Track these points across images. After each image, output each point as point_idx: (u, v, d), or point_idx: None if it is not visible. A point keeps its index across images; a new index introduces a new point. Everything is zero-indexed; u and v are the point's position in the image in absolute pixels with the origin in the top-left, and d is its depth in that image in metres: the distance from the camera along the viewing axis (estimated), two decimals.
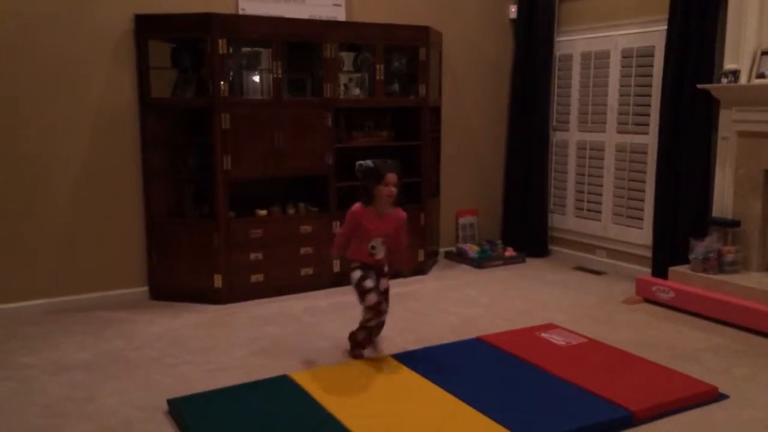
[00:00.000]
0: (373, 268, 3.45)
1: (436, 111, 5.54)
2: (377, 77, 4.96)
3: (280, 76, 4.60)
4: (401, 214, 3.48)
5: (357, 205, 3.41)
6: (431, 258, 5.56)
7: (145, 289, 4.70)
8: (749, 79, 4.23)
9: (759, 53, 4.22)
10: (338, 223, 4.91)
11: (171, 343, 3.84)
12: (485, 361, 3.46)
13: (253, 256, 4.64)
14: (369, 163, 3.45)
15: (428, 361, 3.41)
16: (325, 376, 3.26)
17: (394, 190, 3.33)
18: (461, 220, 5.99)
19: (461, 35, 5.75)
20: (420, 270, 5.28)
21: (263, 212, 4.72)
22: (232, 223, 4.57)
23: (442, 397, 3.01)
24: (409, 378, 3.23)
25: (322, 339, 3.91)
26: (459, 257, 5.77)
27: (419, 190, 5.24)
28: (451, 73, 5.75)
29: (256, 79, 4.72)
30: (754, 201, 4.32)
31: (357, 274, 3.43)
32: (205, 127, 4.52)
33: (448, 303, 4.61)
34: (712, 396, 3.07)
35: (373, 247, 3.41)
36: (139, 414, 2.97)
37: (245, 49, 4.70)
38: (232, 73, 4.61)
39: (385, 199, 3.35)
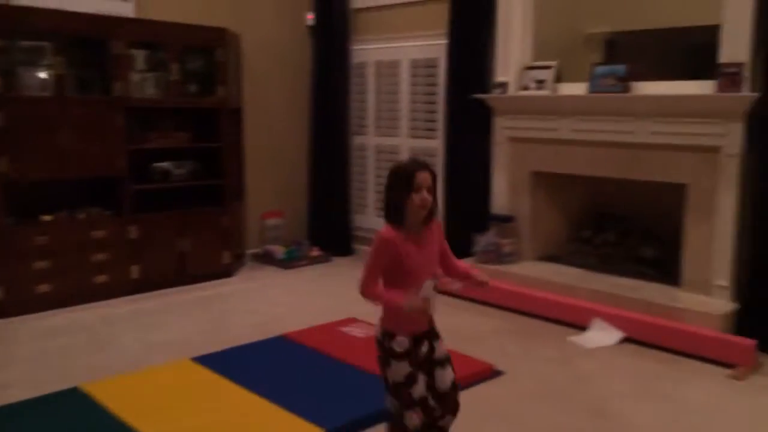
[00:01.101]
0: (425, 339, 2.34)
1: (237, 113, 5.53)
2: (172, 77, 4.84)
3: (63, 72, 4.31)
4: (436, 221, 2.37)
5: (386, 228, 2.24)
6: (237, 260, 5.54)
7: None
8: (515, 91, 4.78)
9: (523, 68, 4.78)
10: (135, 227, 4.73)
11: None
12: (288, 358, 3.55)
13: (37, 264, 4.30)
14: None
15: (230, 362, 3.43)
16: (121, 385, 3.14)
17: (427, 197, 2.21)
18: (267, 222, 6.02)
19: (261, 38, 5.77)
20: (226, 272, 5.25)
21: (48, 217, 4.40)
22: (11, 230, 4.20)
23: (244, 397, 3.04)
24: (210, 380, 3.22)
25: (118, 348, 3.75)
26: (266, 259, 5.80)
27: (222, 193, 5.20)
28: (252, 76, 5.76)
29: (41, 75, 4.37)
30: (524, 199, 4.87)
31: (401, 368, 2.25)
32: None
33: (253, 304, 4.64)
34: (489, 372, 3.44)
35: (425, 300, 2.25)
36: None
37: (25, 43, 4.33)
38: (8, 69, 4.23)
39: (416, 212, 2.22)
